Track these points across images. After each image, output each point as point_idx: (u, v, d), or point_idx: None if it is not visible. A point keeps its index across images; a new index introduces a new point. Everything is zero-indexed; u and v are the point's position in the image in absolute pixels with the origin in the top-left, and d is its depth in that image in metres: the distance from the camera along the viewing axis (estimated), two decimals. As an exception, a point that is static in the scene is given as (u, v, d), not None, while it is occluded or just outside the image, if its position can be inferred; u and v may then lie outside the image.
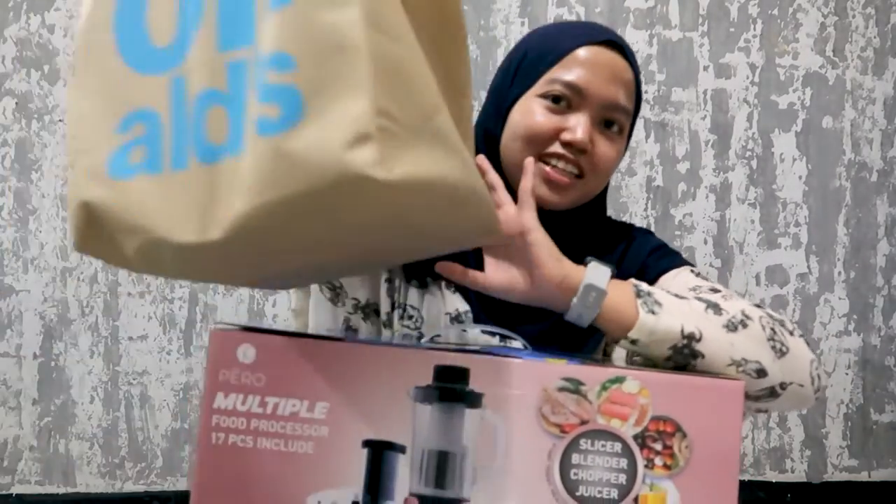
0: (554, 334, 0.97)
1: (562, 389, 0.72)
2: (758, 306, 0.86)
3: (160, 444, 1.98)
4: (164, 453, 1.98)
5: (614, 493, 0.71)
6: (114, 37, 0.70)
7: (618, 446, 0.72)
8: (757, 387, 0.80)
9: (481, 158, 0.91)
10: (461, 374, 0.72)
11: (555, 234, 0.93)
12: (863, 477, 2.13)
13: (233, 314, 2.00)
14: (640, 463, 0.72)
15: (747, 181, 2.10)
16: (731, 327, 0.82)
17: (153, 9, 0.69)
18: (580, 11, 2.03)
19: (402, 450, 0.71)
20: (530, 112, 0.97)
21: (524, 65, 1.00)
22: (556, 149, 0.96)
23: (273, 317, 2.02)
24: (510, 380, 0.72)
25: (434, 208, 0.64)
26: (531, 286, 0.87)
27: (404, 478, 0.71)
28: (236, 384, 0.73)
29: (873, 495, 2.13)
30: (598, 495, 0.71)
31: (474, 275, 0.88)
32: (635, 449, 0.72)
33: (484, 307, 0.98)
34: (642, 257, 1.02)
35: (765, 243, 2.11)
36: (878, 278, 2.14)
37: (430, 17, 0.69)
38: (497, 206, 0.86)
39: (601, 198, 1.05)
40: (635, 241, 1.05)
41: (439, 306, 0.98)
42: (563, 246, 0.93)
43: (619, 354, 0.98)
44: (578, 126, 0.94)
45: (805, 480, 2.12)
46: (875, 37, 2.12)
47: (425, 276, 0.98)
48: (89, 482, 1.97)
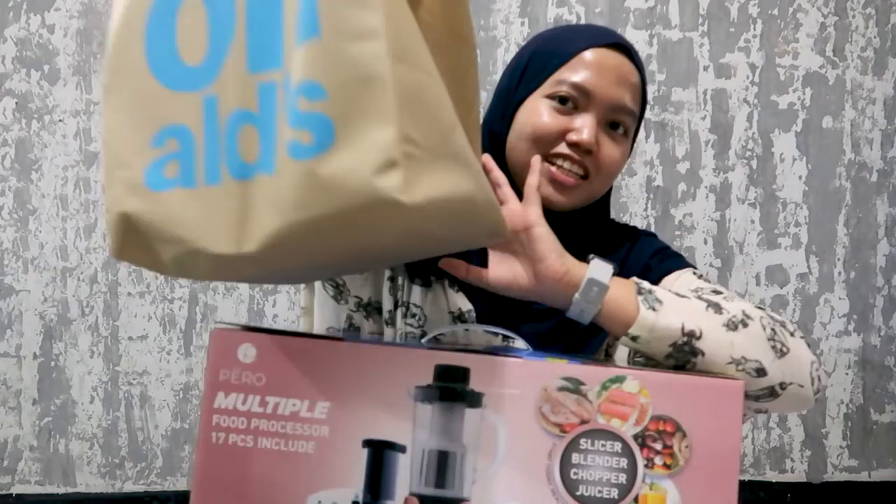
0: (557, 334, 0.98)
1: (562, 389, 0.72)
2: (760, 308, 0.87)
3: (160, 444, 1.98)
4: (164, 453, 1.98)
5: (614, 493, 0.72)
6: (145, 55, 0.73)
7: (618, 446, 0.72)
8: (756, 386, 0.81)
9: (486, 158, 0.91)
10: (461, 374, 0.72)
11: (559, 235, 0.94)
12: (863, 477, 2.13)
13: (233, 314, 2.00)
14: (641, 462, 0.72)
15: (747, 181, 2.10)
16: (732, 326, 0.82)
17: (183, 30, 0.72)
18: (580, 11, 2.03)
19: (402, 449, 0.71)
20: (537, 112, 0.97)
21: (531, 66, 1.00)
22: (562, 149, 0.96)
23: (273, 317, 2.02)
24: (510, 379, 0.72)
25: (450, 221, 0.69)
26: (534, 281, 0.87)
27: (404, 477, 0.71)
28: (237, 384, 0.73)
29: (873, 495, 2.13)
30: (599, 495, 0.71)
31: (477, 271, 0.89)
32: (635, 448, 0.72)
33: (487, 306, 0.98)
34: (645, 259, 1.02)
35: (765, 243, 2.11)
36: (878, 278, 2.14)
37: (442, 35, 0.73)
38: (501, 202, 0.87)
39: (605, 200, 1.06)
40: (638, 243, 1.05)
41: (442, 305, 0.99)
42: (568, 247, 0.93)
43: (620, 355, 0.98)
44: (585, 127, 0.95)
45: (805, 480, 2.12)
46: (875, 37, 2.12)
47: (429, 275, 0.99)
48: (89, 482, 1.97)
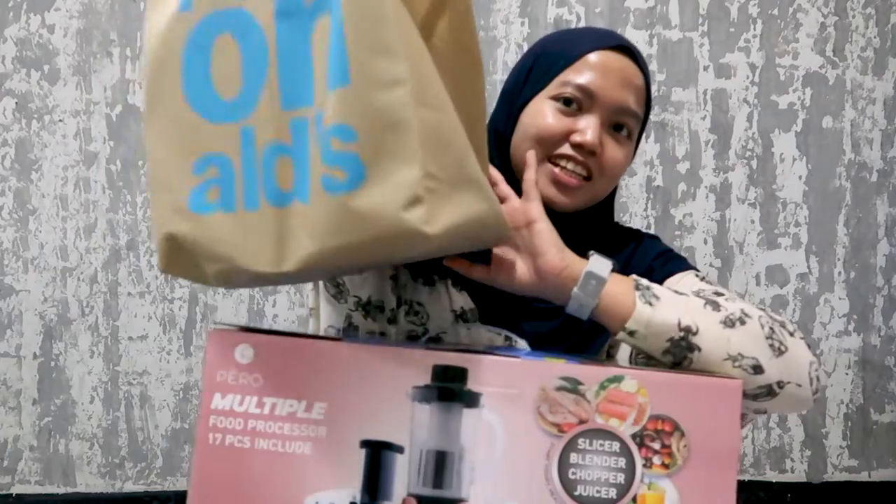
0: (559, 334, 0.98)
1: (560, 389, 0.72)
2: (761, 308, 0.87)
3: (160, 444, 1.98)
4: (164, 453, 1.98)
5: (613, 493, 0.71)
6: (182, 87, 0.79)
7: (616, 445, 0.72)
8: (754, 384, 0.81)
9: (493, 171, 0.92)
10: (459, 374, 0.72)
11: (562, 236, 0.94)
12: (863, 477, 2.13)
13: (233, 314, 2.00)
14: (639, 462, 0.72)
15: (747, 181, 2.10)
16: (729, 323, 0.82)
17: (217, 65, 0.78)
18: (580, 11, 2.03)
19: (400, 450, 0.71)
20: (541, 113, 0.97)
21: (536, 67, 1.01)
22: (566, 150, 0.96)
23: (273, 317, 2.02)
24: (508, 379, 0.72)
25: (465, 239, 0.77)
26: (534, 276, 0.88)
27: (402, 478, 0.71)
28: (234, 384, 0.73)
29: (873, 495, 2.13)
30: (597, 495, 0.71)
31: (480, 269, 0.90)
32: (634, 448, 0.72)
33: (490, 306, 0.98)
34: (648, 261, 1.02)
35: (765, 243, 2.11)
36: (878, 278, 2.14)
37: (452, 58, 0.78)
38: (501, 200, 0.89)
39: (609, 202, 1.06)
40: (642, 246, 1.05)
41: (445, 304, 0.99)
42: (571, 248, 0.94)
43: (622, 356, 0.99)
44: (588, 128, 0.95)
45: (805, 480, 2.12)
46: (875, 37, 2.12)
47: (432, 274, 0.99)
48: (89, 482, 1.97)
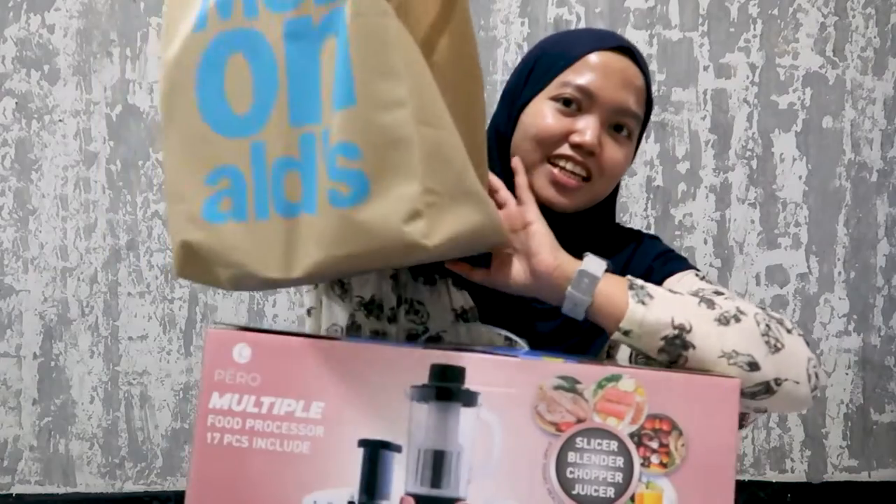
0: (560, 334, 0.98)
1: (557, 388, 0.72)
2: (760, 307, 0.87)
3: (160, 444, 1.98)
4: (164, 453, 1.98)
5: (611, 492, 0.72)
6: (197, 103, 0.84)
7: (614, 444, 0.72)
8: (751, 382, 0.81)
9: (492, 177, 0.94)
10: (457, 373, 0.73)
11: (562, 237, 0.94)
12: (863, 477, 2.13)
13: (233, 314, 2.00)
14: (637, 461, 0.72)
15: (747, 181, 2.10)
16: (724, 321, 0.82)
17: (230, 82, 0.82)
18: (580, 11, 2.03)
19: (397, 449, 0.71)
20: (541, 114, 0.98)
21: (537, 68, 1.01)
22: (565, 150, 0.96)
23: (273, 317, 2.02)
24: (506, 378, 0.73)
25: (463, 247, 0.81)
26: (530, 277, 0.89)
27: (400, 477, 0.71)
28: (232, 384, 0.73)
29: (873, 495, 2.13)
30: (595, 494, 0.71)
31: (480, 271, 0.92)
32: (631, 447, 0.72)
33: (490, 305, 0.99)
34: (648, 261, 1.03)
35: (765, 243, 2.11)
36: (878, 278, 2.14)
37: (453, 73, 0.82)
38: (500, 205, 0.91)
39: (610, 203, 1.06)
40: (642, 246, 1.05)
41: (445, 302, 1.00)
42: (570, 248, 0.94)
43: (622, 356, 0.99)
44: (588, 128, 0.95)
45: (805, 480, 2.12)
46: (875, 37, 2.12)
47: (433, 273, 1.00)
48: (89, 482, 1.97)
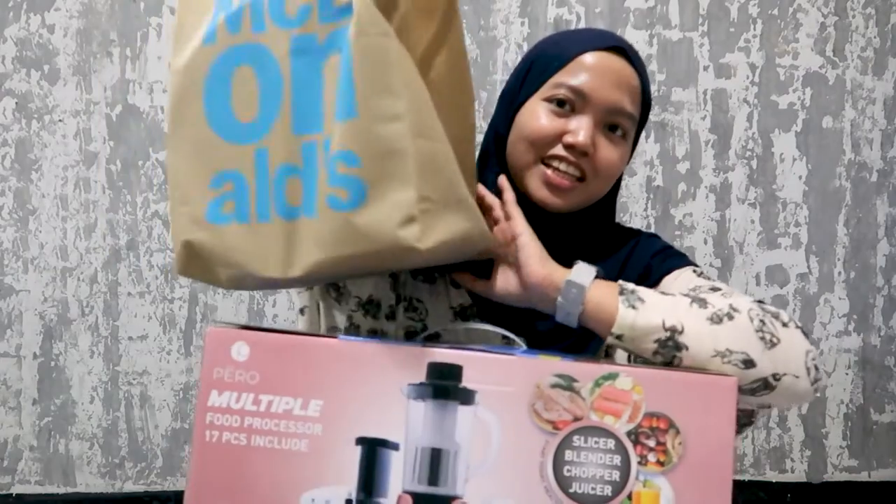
0: (557, 334, 0.98)
1: (555, 386, 0.72)
2: (757, 301, 0.87)
3: (160, 444, 1.98)
4: (164, 453, 1.99)
5: (608, 490, 0.72)
6: (204, 110, 0.87)
7: (611, 443, 0.72)
8: (748, 379, 0.81)
9: (480, 188, 0.97)
10: (454, 372, 0.73)
11: (559, 237, 0.95)
12: (863, 477, 2.13)
13: (233, 314, 2.01)
14: (634, 459, 0.72)
15: (747, 181, 2.10)
16: (716, 320, 0.83)
17: (237, 92, 0.86)
18: (580, 11, 2.03)
19: (395, 447, 0.72)
20: (535, 115, 0.98)
21: (533, 69, 1.02)
22: (559, 151, 0.97)
23: (273, 317, 2.02)
24: (503, 377, 0.73)
25: (453, 252, 0.84)
26: (521, 288, 0.91)
27: (398, 475, 0.72)
28: (230, 382, 0.73)
29: (873, 495, 2.12)
30: (592, 492, 0.71)
31: (482, 283, 0.95)
32: (629, 445, 0.72)
33: (488, 304, 1.00)
34: (646, 260, 1.03)
35: (765, 243, 2.11)
36: (878, 278, 2.14)
37: (448, 90, 0.86)
38: (496, 222, 0.95)
39: (608, 202, 1.06)
40: (639, 245, 1.06)
41: (444, 301, 1.01)
42: (567, 248, 0.95)
43: (621, 355, 0.99)
44: (580, 129, 0.96)
45: (805, 480, 2.12)
46: (875, 37, 2.12)
47: (432, 271, 1.01)
48: (89, 482, 1.97)
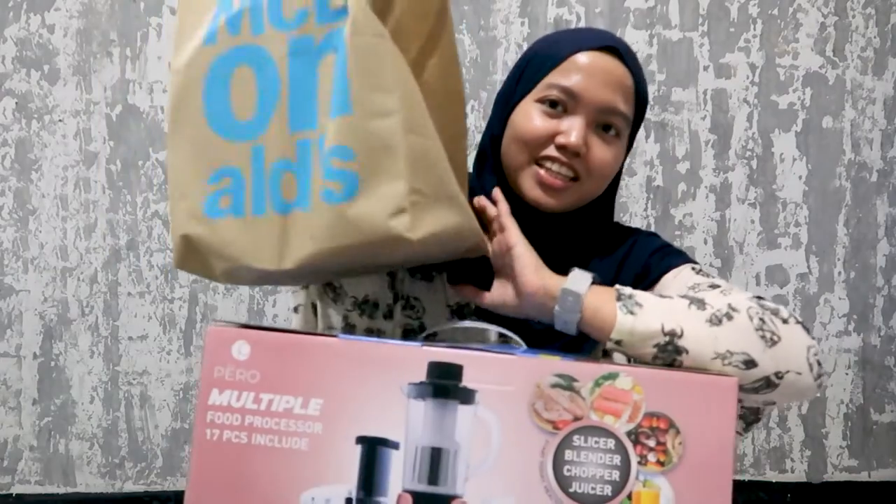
0: (553, 332, 0.99)
1: (555, 386, 0.72)
2: (756, 297, 0.87)
3: (160, 444, 1.98)
4: (164, 453, 1.99)
5: (608, 490, 0.72)
6: (203, 109, 0.90)
7: (611, 443, 0.72)
8: (749, 379, 0.81)
9: (480, 199, 0.99)
10: (454, 371, 0.73)
11: (555, 237, 0.95)
12: (863, 477, 2.13)
13: (233, 314, 2.01)
14: (634, 459, 0.72)
15: (747, 181, 2.10)
16: (715, 321, 0.82)
17: (235, 91, 0.89)
18: (580, 11, 2.03)
19: (395, 446, 0.72)
20: (528, 116, 0.99)
21: (527, 70, 1.02)
22: (551, 152, 0.98)
23: (273, 316, 2.02)
24: (503, 376, 0.73)
25: (443, 245, 0.86)
26: (517, 299, 0.92)
27: (398, 474, 0.72)
28: (231, 381, 0.74)
29: (873, 495, 2.12)
30: (592, 492, 0.72)
31: (482, 295, 0.97)
32: (628, 445, 0.72)
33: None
34: (643, 259, 1.03)
35: (765, 243, 2.11)
36: (878, 278, 2.14)
37: (441, 93, 0.89)
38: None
39: (606, 202, 1.06)
40: (637, 244, 1.06)
41: (441, 299, 1.01)
42: (564, 248, 0.95)
43: (620, 356, 0.99)
44: (572, 129, 0.96)
45: (805, 480, 2.12)
46: (875, 37, 2.12)
47: (430, 270, 1.01)
48: (89, 482, 1.97)
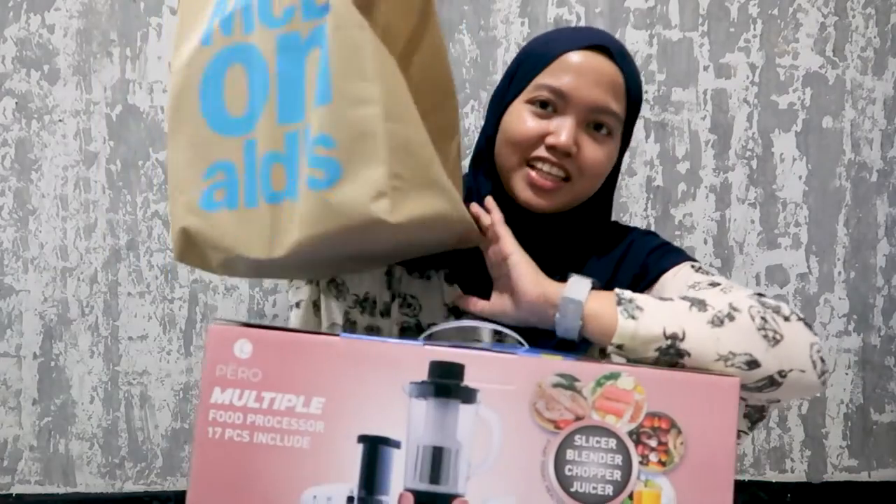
0: (549, 330, 0.99)
1: (556, 385, 0.72)
2: (757, 294, 0.87)
3: (160, 444, 1.98)
4: (164, 453, 1.98)
5: (609, 490, 0.72)
6: (199, 106, 0.94)
7: (612, 442, 0.72)
8: (752, 378, 0.81)
9: (475, 206, 1.00)
10: (456, 370, 0.73)
11: (551, 238, 0.95)
12: (863, 477, 2.13)
13: (233, 314, 2.00)
14: (635, 459, 0.72)
15: (747, 181, 2.10)
16: (717, 322, 0.82)
17: (229, 89, 0.93)
18: (580, 11, 2.03)
19: (397, 445, 0.72)
20: (519, 118, 1.00)
21: (519, 71, 1.03)
22: (542, 153, 0.99)
23: (273, 316, 2.02)
24: (505, 376, 0.73)
25: (428, 231, 0.88)
26: (516, 308, 0.93)
27: (399, 473, 0.72)
28: (233, 379, 0.74)
29: (873, 495, 2.13)
30: (593, 491, 0.72)
31: (481, 304, 0.98)
32: (630, 445, 0.72)
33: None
34: (641, 259, 1.03)
35: (765, 243, 2.11)
36: (878, 278, 2.14)
37: (429, 86, 0.90)
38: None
39: (602, 201, 1.06)
40: (634, 244, 1.06)
41: (438, 297, 1.02)
42: (559, 249, 0.95)
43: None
44: (562, 130, 0.97)
45: (805, 480, 2.12)
46: (875, 37, 2.12)
47: (427, 268, 1.01)
48: (89, 482, 1.97)
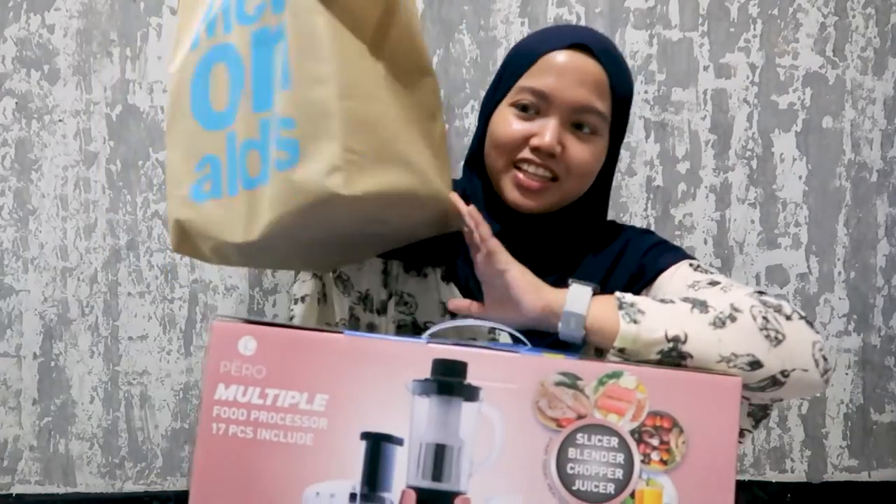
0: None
1: (559, 384, 0.72)
2: (758, 292, 0.87)
3: (160, 444, 1.98)
4: (164, 453, 1.98)
5: (611, 488, 0.72)
6: (190, 104, 0.99)
7: (614, 441, 0.72)
8: (755, 378, 0.81)
9: (472, 209, 0.99)
10: (459, 368, 0.73)
11: (544, 238, 0.96)
12: (863, 477, 2.13)
13: (233, 314, 2.00)
14: (637, 458, 0.72)
15: (747, 181, 2.10)
16: (719, 323, 0.83)
17: (213, 85, 0.97)
18: (580, 11, 2.03)
19: (399, 442, 0.72)
20: (504, 121, 1.01)
21: (504, 74, 1.04)
22: (527, 154, 1.00)
23: (273, 316, 2.02)
24: (507, 374, 0.73)
25: (394, 208, 0.89)
26: (519, 317, 0.93)
27: (402, 470, 0.72)
28: (237, 376, 0.74)
29: (873, 495, 2.13)
30: (595, 489, 0.72)
31: (477, 305, 0.98)
32: (632, 444, 0.72)
33: (477, 298, 1.00)
34: (638, 258, 1.03)
35: (765, 243, 2.11)
36: (878, 278, 2.14)
37: (403, 64, 0.92)
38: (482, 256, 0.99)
39: (596, 200, 1.07)
40: (631, 243, 1.06)
41: (434, 295, 1.02)
42: (554, 248, 0.95)
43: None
44: (545, 131, 0.98)
45: (805, 480, 2.12)
46: (875, 37, 2.12)
47: (424, 266, 1.02)
48: (89, 482, 1.97)
